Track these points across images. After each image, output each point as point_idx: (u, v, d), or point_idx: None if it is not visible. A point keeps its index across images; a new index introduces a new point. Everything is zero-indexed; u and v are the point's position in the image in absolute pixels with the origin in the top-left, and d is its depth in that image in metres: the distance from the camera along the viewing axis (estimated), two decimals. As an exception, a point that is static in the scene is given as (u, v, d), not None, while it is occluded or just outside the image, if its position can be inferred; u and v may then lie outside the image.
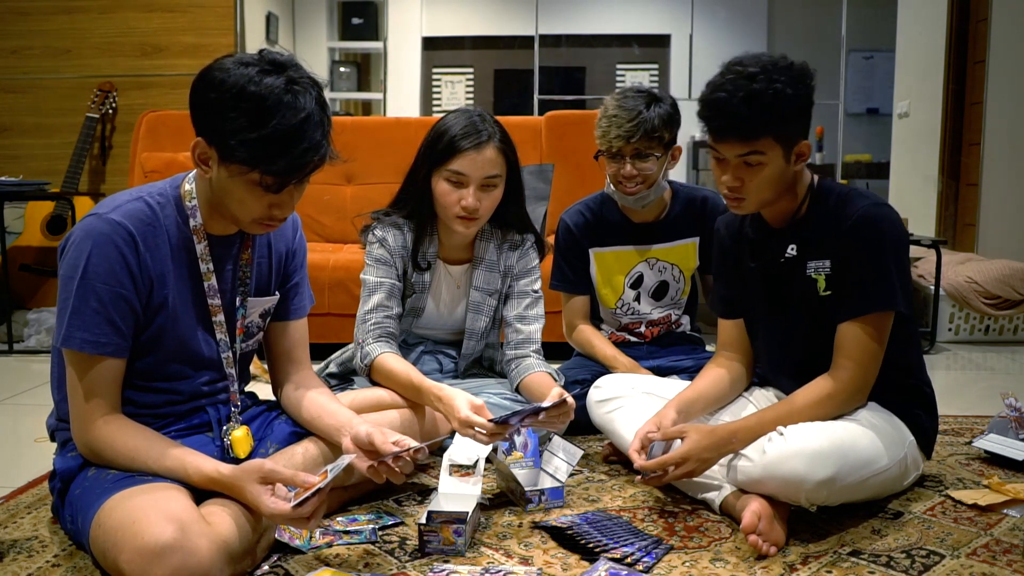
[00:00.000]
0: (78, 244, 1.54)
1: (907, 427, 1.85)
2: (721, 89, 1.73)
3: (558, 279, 2.58)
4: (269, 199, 1.55)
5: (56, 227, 4.21)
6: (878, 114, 7.41)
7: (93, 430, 1.55)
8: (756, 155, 1.74)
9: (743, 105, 1.70)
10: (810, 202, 1.86)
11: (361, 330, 2.15)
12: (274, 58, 1.53)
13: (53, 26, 4.73)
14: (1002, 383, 3.18)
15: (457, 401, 1.84)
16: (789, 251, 1.88)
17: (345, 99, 7.72)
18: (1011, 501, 1.88)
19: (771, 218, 1.90)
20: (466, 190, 2.09)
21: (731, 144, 1.75)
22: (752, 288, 1.97)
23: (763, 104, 1.69)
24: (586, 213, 2.55)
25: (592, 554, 1.61)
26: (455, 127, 2.10)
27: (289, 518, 1.46)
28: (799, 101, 1.73)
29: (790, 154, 1.77)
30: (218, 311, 1.67)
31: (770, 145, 1.74)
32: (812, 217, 1.86)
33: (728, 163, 1.78)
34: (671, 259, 2.53)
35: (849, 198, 1.82)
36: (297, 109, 1.49)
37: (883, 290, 1.77)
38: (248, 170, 1.51)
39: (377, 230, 2.20)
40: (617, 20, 8.27)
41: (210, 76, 1.51)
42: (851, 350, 1.78)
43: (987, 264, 4.07)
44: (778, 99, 1.70)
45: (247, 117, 1.47)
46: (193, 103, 1.53)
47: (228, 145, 1.49)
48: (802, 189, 1.86)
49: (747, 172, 1.77)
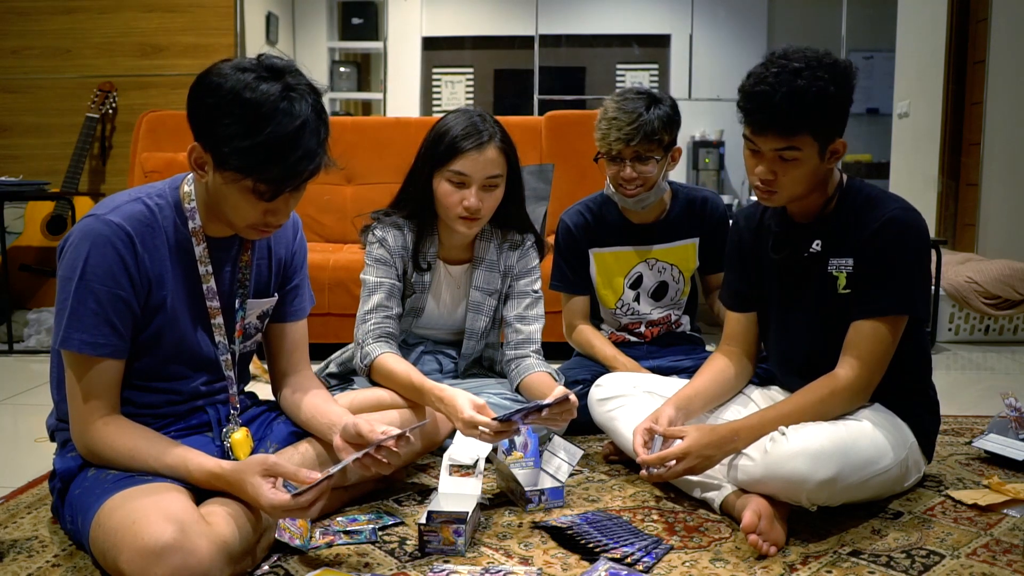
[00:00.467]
0: (76, 245, 1.54)
1: (909, 428, 1.85)
2: (764, 82, 1.71)
3: (558, 279, 2.58)
4: (264, 206, 1.55)
5: (56, 227, 4.21)
6: (878, 114, 7.41)
7: (93, 431, 1.55)
8: (793, 151, 1.74)
9: (786, 101, 1.68)
10: (838, 200, 1.86)
11: (361, 330, 2.15)
12: (272, 63, 1.52)
13: (53, 26, 4.73)
14: (1002, 383, 3.18)
15: (459, 401, 1.84)
16: (814, 246, 1.87)
17: (345, 99, 7.72)
18: (1011, 501, 1.88)
19: (797, 212, 1.90)
20: (468, 190, 2.09)
21: (769, 138, 1.75)
22: (768, 282, 1.97)
23: (806, 101, 1.68)
24: (586, 214, 2.55)
25: (592, 554, 1.61)
26: (456, 127, 2.10)
27: (288, 508, 1.46)
28: (840, 99, 1.73)
29: (825, 151, 1.77)
30: (217, 313, 1.67)
31: (807, 142, 1.74)
32: (839, 215, 1.86)
33: (763, 155, 1.78)
34: (671, 260, 2.53)
35: (878, 200, 1.83)
36: (292, 116, 1.48)
37: (903, 292, 1.77)
38: (242, 177, 1.50)
39: (377, 230, 2.20)
40: (617, 20, 8.28)
41: (207, 81, 1.50)
42: (861, 349, 1.78)
43: (987, 264, 4.07)
44: (821, 97, 1.69)
45: (241, 124, 1.46)
46: (190, 107, 1.53)
47: (222, 152, 1.49)
48: (832, 186, 1.86)
49: (781, 166, 1.76)
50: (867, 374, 1.78)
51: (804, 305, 1.90)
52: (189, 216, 1.62)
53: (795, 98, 1.68)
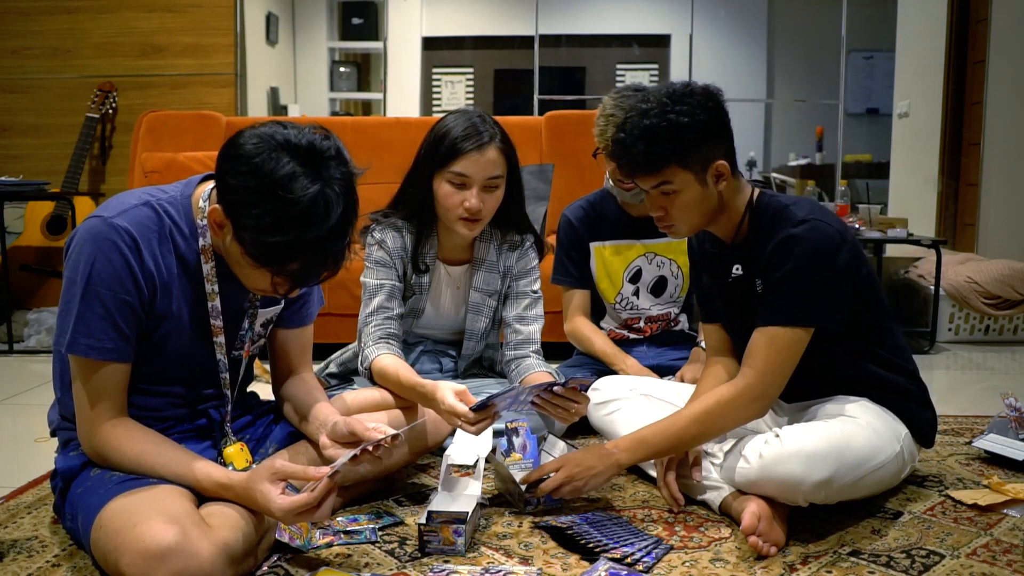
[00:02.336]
0: (82, 247, 1.52)
1: (901, 421, 1.84)
2: (622, 129, 1.79)
3: (559, 273, 2.60)
4: (277, 282, 1.53)
5: (56, 227, 4.22)
6: (878, 114, 7.41)
7: (100, 434, 1.55)
8: (666, 184, 1.78)
9: (639, 142, 1.75)
10: (749, 219, 1.86)
11: (364, 334, 2.15)
12: (313, 145, 1.45)
13: (53, 26, 4.73)
14: (1002, 383, 3.18)
15: (440, 392, 1.84)
16: (735, 271, 1.89)
17: (345, 99, 7.71)
18: (1011, 501, 1.88)
19: (720, 235, 1.92)
20: (469, 191, 2.09)
21: (641, 178, 1.80)
22: (719, 300, 1.99)
23: (658, 137, 1.73)
24: (586, 208, 2.58)
25: (592, 554, 1.61)
26: (456, 129, 2.10)
27: (300, 511, 1.45)
28: (700, 127, 1.74)
29: (705, 177, 1.78)
30: (219, 332, 1.65)
31: (676, 172, 1.77)
32: (752, 235, 1.86)
33: (649, 194, 1.83)
34: (669, 254, 2.54)
35: (783, 214, 1.81)
36: (323, 222, 1.42)
37: (792, 306, 1.75)
38: (260, 265, 1.48)
39: (376, 232, 2.20)
40: (617, 20, 8.28)
41: (242, 151, 1.44)
42: (756, 358, 1.78)
43: (987, 264, 4.07)
44: (673, 129, 1.73)
45: (270, 218, 1.41)
46: (220, 169, 1.47)
47: (244, 236, 1.45)
48: (740, 206, 1.86)
49: (666, 200, 1.80)
50: (759, 383, 1.77)
51: (742, 325, 1.89)
52: (200, 233, 1.59)
53: (646, 138, 1.73)
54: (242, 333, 1.71)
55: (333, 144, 1.48)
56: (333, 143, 1.48)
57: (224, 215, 1.48)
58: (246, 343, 1.73)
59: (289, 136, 1.45)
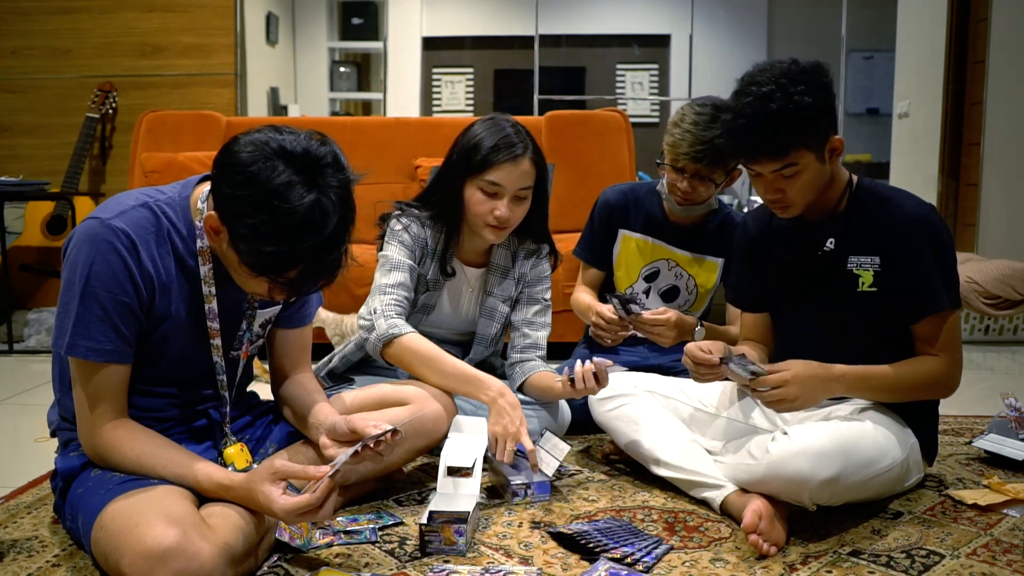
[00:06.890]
0: (80, 249, 1.52)
1: (910, 429, 1.85)
2: (742, 115, 1.73)
3: (583, 247, 2.60)
4: (274, 289, 1.53)
5: (56, 227, 4.22)
6: (878, 114, 7.40)
7: (101, 436, 1.55)
8: (791, 167, 1.76)
9: (766, 128, 1.71)
10: (849, 197, 1.87)
11: (379, 300, 2.09)
12: (309, 152, 1.43)
13: (53, 26, 4.74)
14: (1002, 383, 3.18)
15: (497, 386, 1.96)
16: (828, 244, 1.88)
17: (345, 99, 7.71)
18: (1011, 501, 1.88)
19: (809, 212, 1.90)
20: (500, 200, 2.09)
21: (764, 163, 1.77)
22: (778, 281, 1.97)
23: (786, 121, 1.70)
24: (627, 193, 2.55)
25: (592, 554, 1.61)
26: (491, 138, 2.09)
27: (302, 511, 1.45)
28: (820, 105, 1.73)
29: (823, 154, 1.79)
30: (216, 335, 1.65)
31: (803, 154, 1.75)
32: (852, 212, 1.87)
33: (765, 177, 1.80)
34: (690, 270, 2.51)
35: (894, 197, 1.85)
36: (321, 230, 1.41)
37: (953, 287, 1.83)
38: (256, 275, 1.48)
39: (402, 218, 2.19)
40: (617, 20, 8.28)
41: (236, 161, 1.43)
42: (943, 344, 1.81)
43: (987, 264, 4.06)
44: (800, 112, 1.70)
45: (266, 228, 1.40)
46: (215, 176, 1.47)
47: (240, 246, 1.45)
48: (839, 182, 1.88)
49: (786, 182, 1.78)
50: (956, 366, 1.83)
51: (816, 304, 1.90)
52: (198, 235, 1.59)
53: (774, 123, 1.70)
54: (240, 334, 1.71)
55: (330, 150, 1.47)
56: (330, 149, 1.47)
57: (220, 222, 1.48)
58: (244, 344, 1.72)
59: (285, 143, 1.44)
